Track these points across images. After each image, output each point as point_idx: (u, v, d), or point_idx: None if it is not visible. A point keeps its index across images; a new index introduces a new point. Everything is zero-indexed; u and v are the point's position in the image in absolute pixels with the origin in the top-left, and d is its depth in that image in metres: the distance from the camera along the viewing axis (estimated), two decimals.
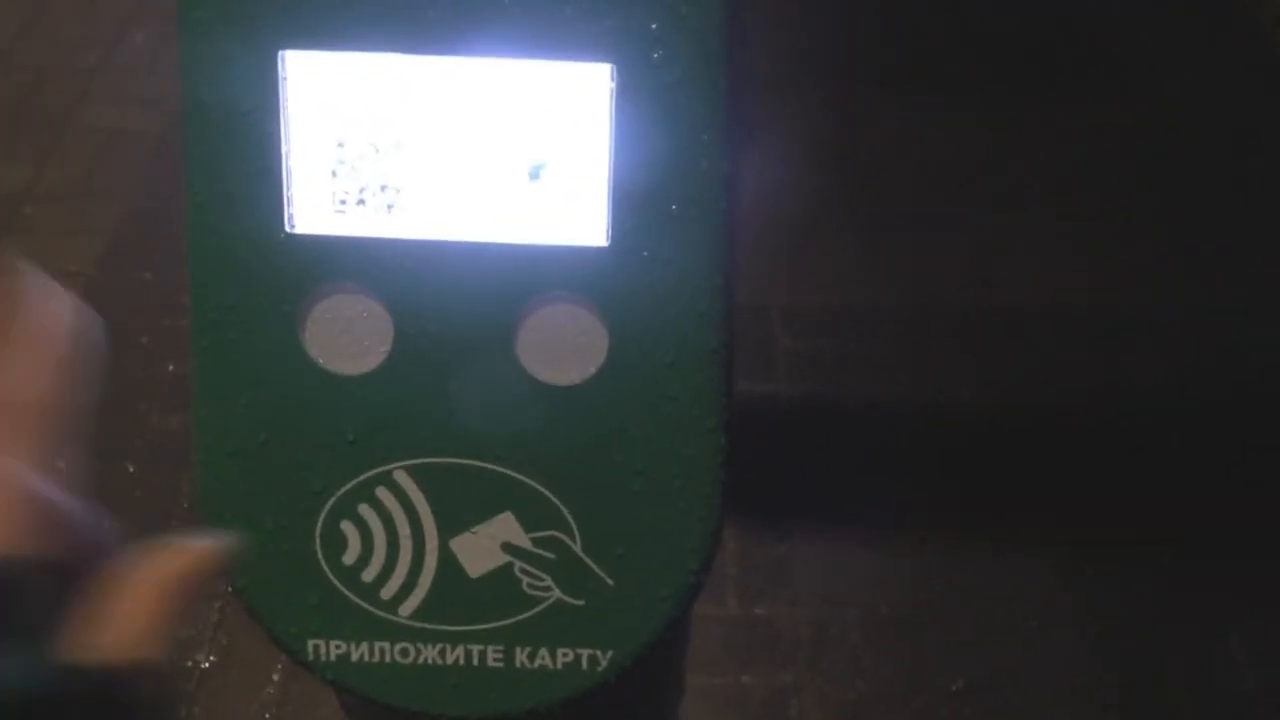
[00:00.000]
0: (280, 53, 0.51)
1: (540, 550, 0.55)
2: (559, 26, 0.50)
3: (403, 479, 0.55)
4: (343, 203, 0.53)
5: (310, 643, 0.56)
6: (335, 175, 0.53)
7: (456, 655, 0.56)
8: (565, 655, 0.56)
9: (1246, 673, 1.31)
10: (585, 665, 0.56)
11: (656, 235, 0.52)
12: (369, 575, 0.56)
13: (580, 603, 0.56)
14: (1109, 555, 1.43)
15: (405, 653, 0.55)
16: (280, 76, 0.51)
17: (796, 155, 1.86)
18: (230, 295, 0.53)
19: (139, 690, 0.31)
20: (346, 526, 0.56)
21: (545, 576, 0.56)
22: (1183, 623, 1.36)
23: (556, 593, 0.56)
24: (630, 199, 0.51)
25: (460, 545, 0.55)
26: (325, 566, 0.56)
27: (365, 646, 0.56)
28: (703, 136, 0.50)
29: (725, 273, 0.53)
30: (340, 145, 0.52)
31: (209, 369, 0.54)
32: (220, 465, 0.55)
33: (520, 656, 0.56)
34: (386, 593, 0.56)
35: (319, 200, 0.53)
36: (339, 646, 0.56)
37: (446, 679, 0.56)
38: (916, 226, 1.80)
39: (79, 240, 1.88)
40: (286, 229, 0.53)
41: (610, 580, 0.55)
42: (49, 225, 1.92)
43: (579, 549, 0.55)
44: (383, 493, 0.55)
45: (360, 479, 0.55)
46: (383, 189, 0.53)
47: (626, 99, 0.50)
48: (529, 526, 0.55)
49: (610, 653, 0.56)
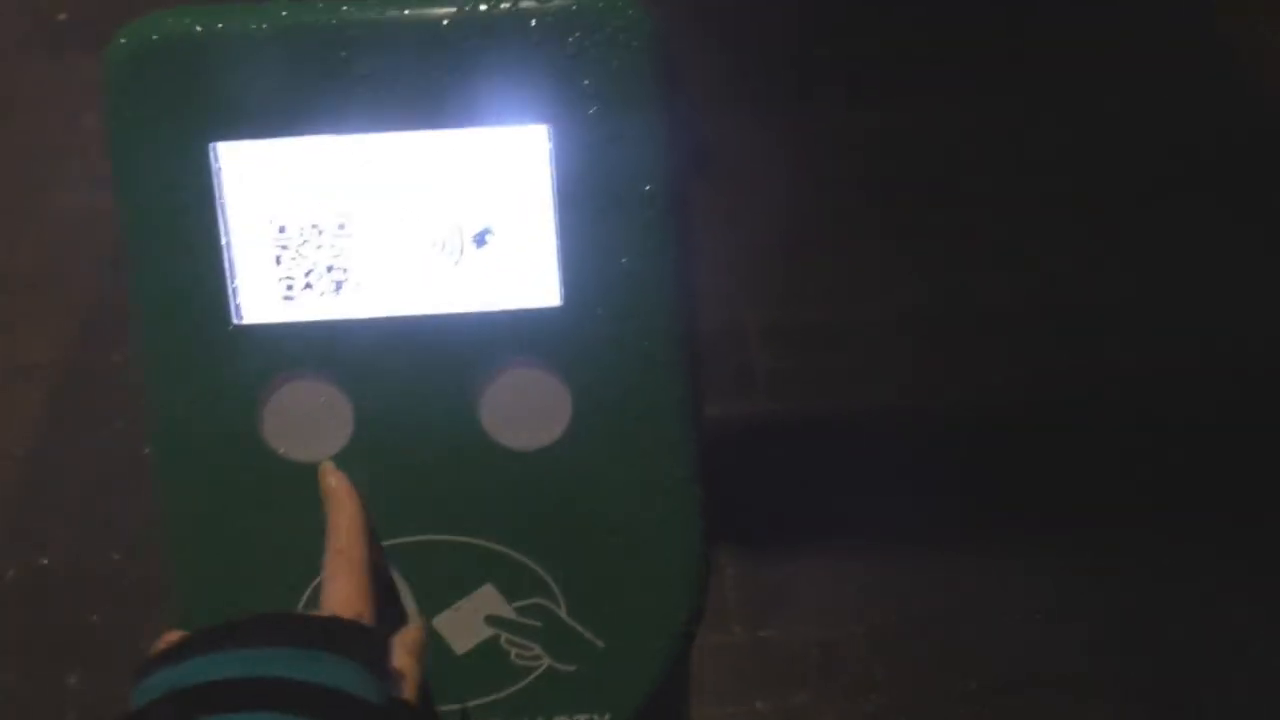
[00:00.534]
0: (212, 145, 0.50)
1: (525, 619, 0.54)
2: (490, 93, 0.49)
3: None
4: (290, 288, 0.52)
5: None
6: (279, 261, 0.52)
7: None
8: None
9: (1256, 664, 1.30)
10: None
11: (610, 289, 0.51)
12: None
13: (572, 668, 0.55)
14: (1107, 554, 1.42)
15: None
16: (214, 169, 0.51)
17: (757, 173, 1.86)
18: (185, 395, 0.52)
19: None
20: None
21: (533, 645, 0.55)
22: (1189, 618, 1.35)
23: (547, 660, 0.55)
24: (580, 256, 0.51)
25: (443, 623, 0.54)
26: None
27: None
28: (645, 186, 0.50)
29: (685, 319, 0.52)
30: (282, 230, 0.52)
31: (172, 472, 0.53)
32: (196, 566, 0.54)
33: None
34: None
35: (265, 288, 0.52)
36: None
37: None
38: (886, 235, 1.79)
39: (48, 324, 1.86)
40: (235, 321, 0.52)
41: (600, 642, 0.54)
42: (17, 311, 1.90)
43: (564, 613, 0.54)
44: None
45: None
46: (329, 270, 0.52)
47: (565, 157, 0.50)
48: (511, 596, 0.54)
49: (608, 714, 0.55)
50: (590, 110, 0.49)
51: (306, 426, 0.52)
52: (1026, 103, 1.96)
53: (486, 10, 0.49)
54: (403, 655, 0.48)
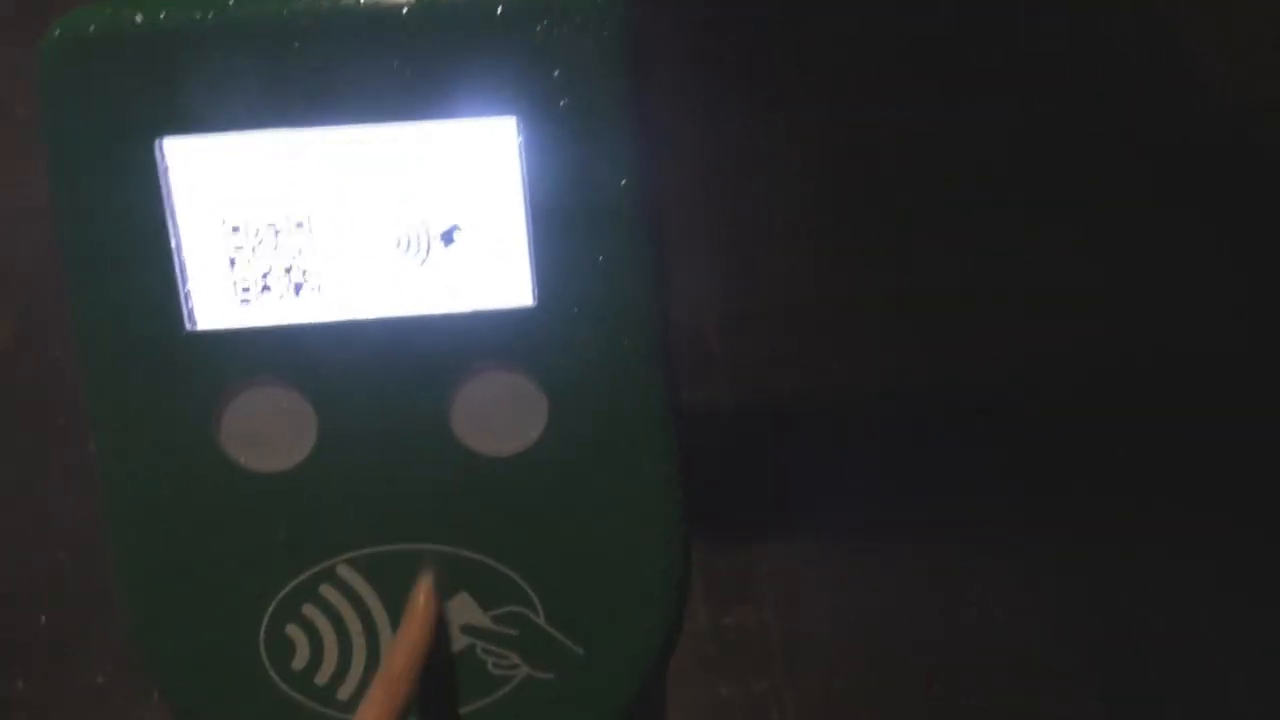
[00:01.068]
0: (158, 141, 0.47)
1: (502, 627, 0.53)
2: (455, 83, 0.47)
3: (347, 573, 0.52)
4: (246, 291, 0.49)
5: None
6: (234, 264, 0.49)
7: None
8: None
9: (1228, 663, 1.31)
10: None
11: (586, 288, 0.49)
12: (322, 678, 0.53)
13: (550, 676, 0.53)
14: (1079, 542, 1.42)
15: None
16: (161, 166, 0.48)
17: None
18: (136, 405, 0.50)
19: None
20: (293, 630, 0.52)
21: (510, 654, 0.53)
22: (1157, 611, 1.36)
23: (524, 669, 0.53)
24: (553, 253, 0.49)
25: None
26: (275, 675, 0.53)
27: None
28: (620, 181, 0.48)
29: (662, 317, 0.50)
30: (236, 230, 0.49)
31: (122, 487, 0.51)
32: (149, 586, 0.52)
33: None
34: (344, 693, 0.53)
35: (220, 292, 0.49)
36: None
37: None
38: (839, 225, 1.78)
39: None
40: (188, 326, 0.49)
41: (579, 649, 0.53)
42: None
43: (542, 620, 0.53)
44: (327, 590, 0.52)
45: (301, 579, 0.52)
46: (287, 271, 0.49)
47: (535, 151, 0.47)
48: (487, 605, 0.52)
49: None
50: (561, 101, 0.47)
51: (266, 435, 0.50)
52: (1006, 108, 1.95)
53: None
54: None
